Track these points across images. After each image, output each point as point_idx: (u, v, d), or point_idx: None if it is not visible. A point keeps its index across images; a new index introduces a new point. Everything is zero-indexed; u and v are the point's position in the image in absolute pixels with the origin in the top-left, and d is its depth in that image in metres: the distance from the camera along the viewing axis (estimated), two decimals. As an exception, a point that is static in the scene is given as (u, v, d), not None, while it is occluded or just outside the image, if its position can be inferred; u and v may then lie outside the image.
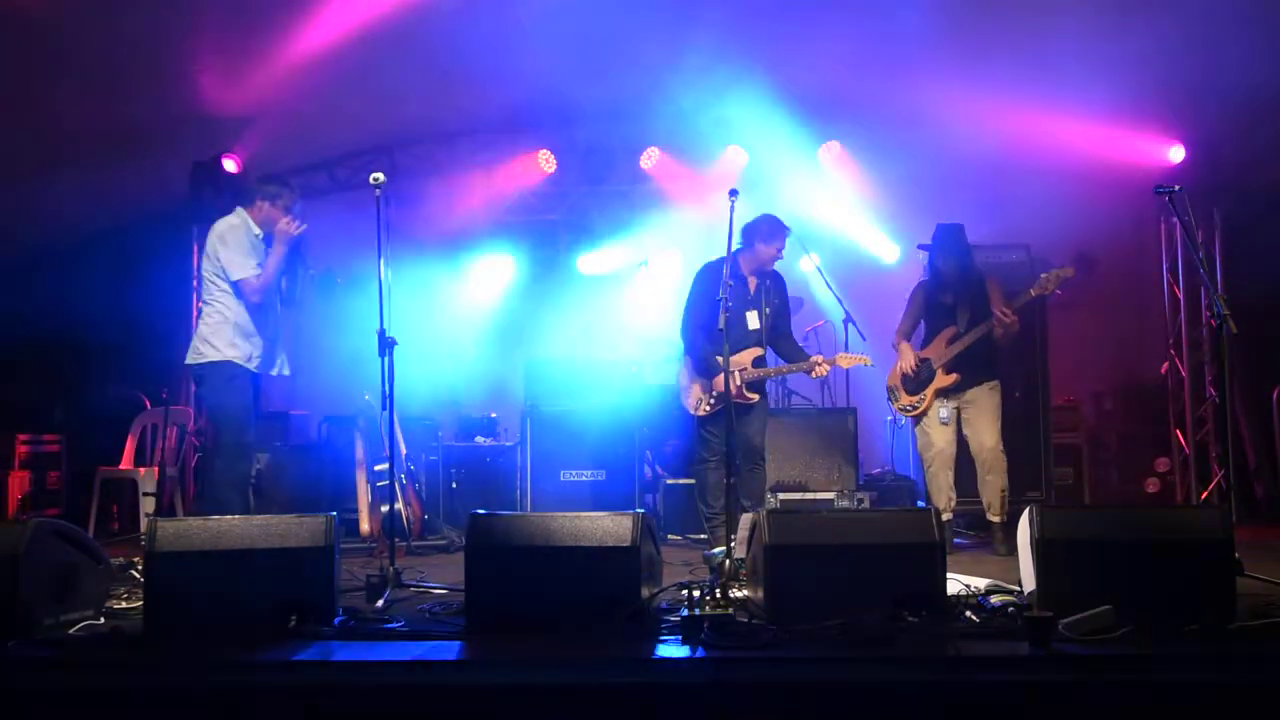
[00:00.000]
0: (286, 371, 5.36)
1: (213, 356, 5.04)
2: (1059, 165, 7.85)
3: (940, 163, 7.74)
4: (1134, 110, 7.19)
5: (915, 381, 5.89)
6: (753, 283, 5.72)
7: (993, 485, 5.74)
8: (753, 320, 5.67)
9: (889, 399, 6.12)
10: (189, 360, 5.12)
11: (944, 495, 5.81)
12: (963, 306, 5.85)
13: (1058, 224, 6.96)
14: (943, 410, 5.82)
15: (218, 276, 5.09)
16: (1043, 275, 5.69)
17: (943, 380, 5.81)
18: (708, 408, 5.62)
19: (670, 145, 8.41)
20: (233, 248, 5.06)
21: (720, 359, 5.18)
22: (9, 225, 7.49)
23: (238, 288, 5.05)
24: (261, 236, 5.17)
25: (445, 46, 6.52)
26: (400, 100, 7.45)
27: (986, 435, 5.77)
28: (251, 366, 5.12)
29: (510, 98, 7.67)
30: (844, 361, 5.70)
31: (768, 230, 5.63)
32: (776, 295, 5.79)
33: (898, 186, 8.08)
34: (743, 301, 5.63)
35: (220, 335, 5.05)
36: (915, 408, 5.90)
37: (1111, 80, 6.77)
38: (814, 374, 5.72)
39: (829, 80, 7.26)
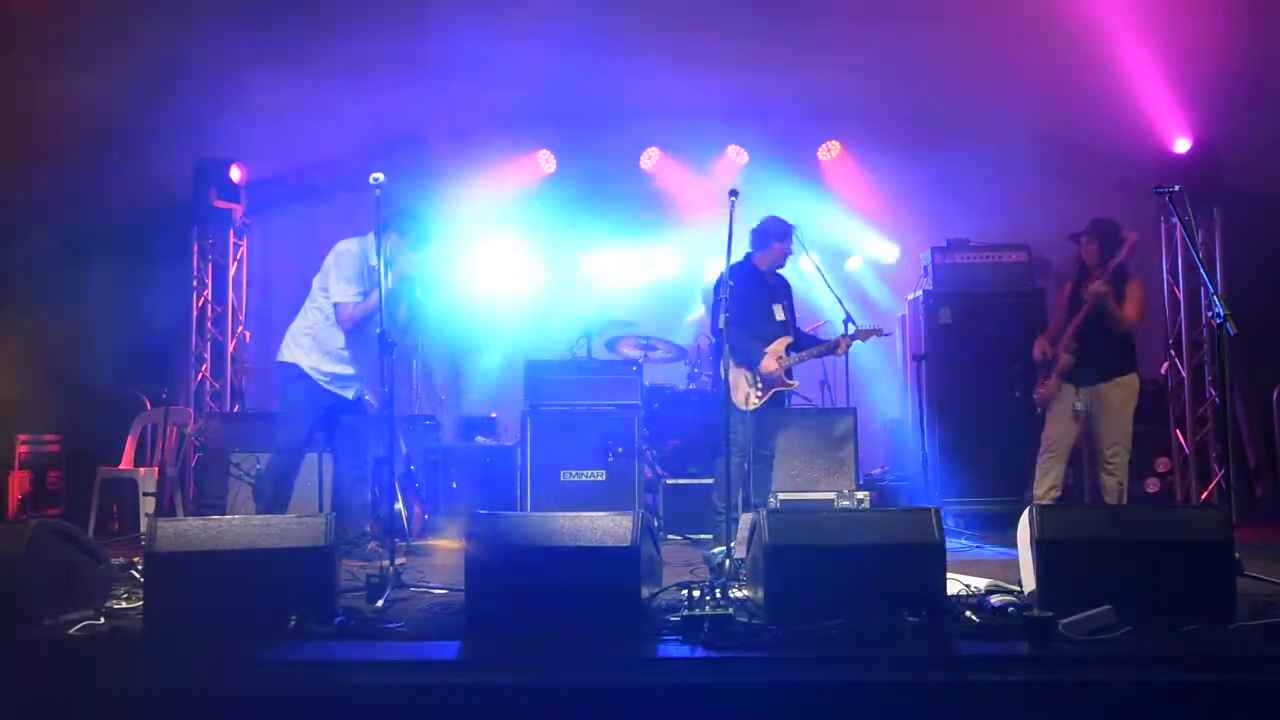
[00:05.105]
0: (373, 401, 5.49)
1: (285, 357, 5.31)
2: (1059, 164, 7.86)
3: (940, 162, 7.74)
4: (1135, 109, 7.20)
5: (1045, 367, 5.91)
6: (769, 279, 6.03)
7: (1108, 484, 5.75)
8: (779, 313, 5.96)
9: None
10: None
11: (1045, 484, 5.84)
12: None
13: (1058, 224, 6.95)
14: (1077, 404, 5.81)
15: (321, 291, 5.29)
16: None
17: (1064, 360, 5.80)
18: (756, 400, 5.79)
19: (670, 145, 8.42)
20: (343, 270, 5.23)
21: (764, 349, 5.75)
22: (8, 224, 7.49)
23: (336, 309, 5.23)
24: (377, 267, 5.23)
25: (446, 44, 6.53)
26: (401, 99, 7.45)
27: (1105, 433, 5.77)
28: (317, 378, 5.25)
29: (511, 97, 7.67)
30: (862, 335, 5.93)
31: (779, 230, 5.92)
32: (785, 295, 6.07)
33: (897, 186, 8.08)
34: (766, 296, 5.93)
35: (298, 341, 5.29)
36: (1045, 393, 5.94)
37: (1113, 79, 6.79)
38: (838, 351, 5.95)
39: (830, 80, 7.26)
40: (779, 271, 6.06)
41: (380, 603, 3.94)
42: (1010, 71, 6.91)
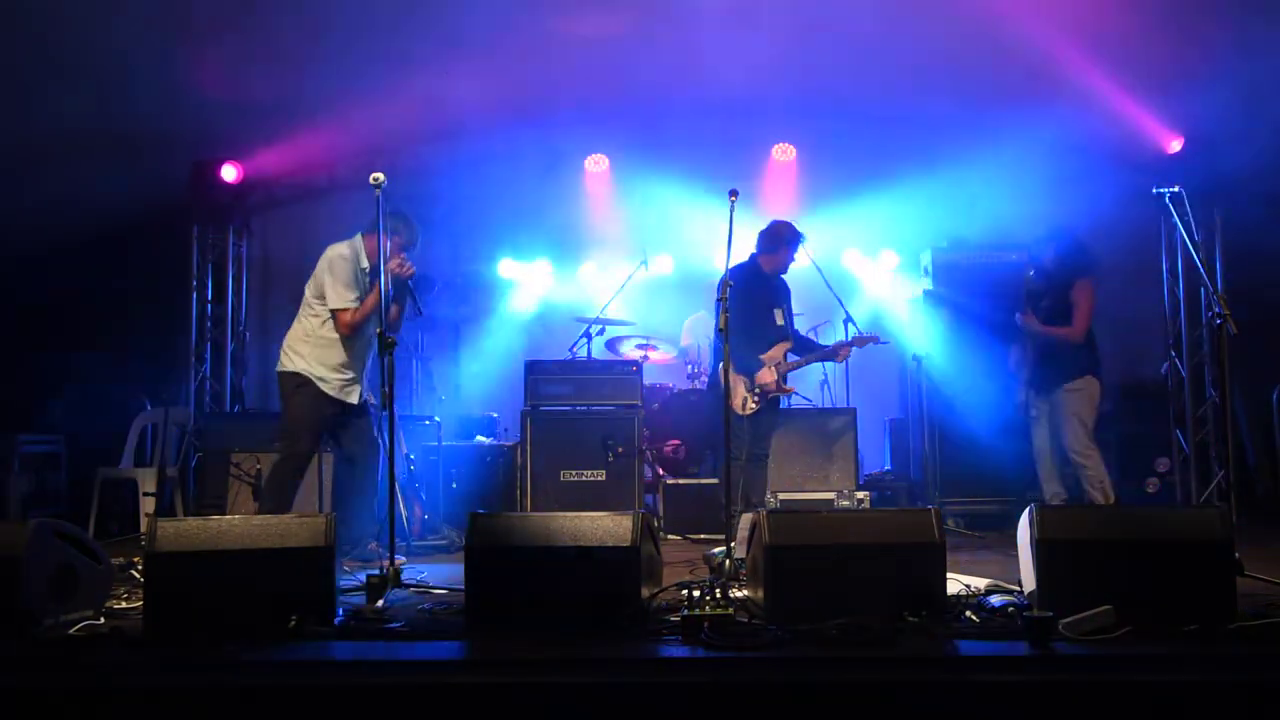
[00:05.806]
0: (374, 401, 5.46)
1: (286, 366, 5.30)
2: (1059, 164, 7.85)
3: (940, 163, 7.74)
4: (1134, 108, 7.21)
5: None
6: (772, 282, 6.05)
7: (1087, 486, 5.91)
8: (779, 317, 6.01)
9: None
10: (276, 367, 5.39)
11: (1047, 489, 6.11)
12: (1044, 308, 6.09)
13: (1058, 224, 6.95)
14: (1033, 410, 6.13)
15: (315, 298, 5.28)
16: None
17: (1024, 371, 6.20)
18: (754, 405, 5.82)
19: (670, 144, 8.40)
20: (338, 277, 5.22)
21: (762, 357, 5.82)
22: (9, 224, 7.49)
23: (335, 317, 5.22)
24: (368, 270, 5.27)
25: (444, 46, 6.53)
26: (400, 100, 7.45)
27: (1066, 439, 5.97)
28: (323, 386, 5.25)
29: (509, 97, 7.67)
30: (858, 341, 6.06)
31: (789, 236, 5.95)
32: (786, 298, 6.11)
33: (897, 186, 8.08)
34: (767, 299, 5.96)
35: (297, 349, 5.28)
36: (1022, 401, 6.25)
37: (1111, 78, 6.80)
38: (838, 358, 6.09)
39: (831, 79, 7.27)
40: (780, 276, 6.08)
41: (380, 603, 3.94)
42: (1011, 71, 6.91)
